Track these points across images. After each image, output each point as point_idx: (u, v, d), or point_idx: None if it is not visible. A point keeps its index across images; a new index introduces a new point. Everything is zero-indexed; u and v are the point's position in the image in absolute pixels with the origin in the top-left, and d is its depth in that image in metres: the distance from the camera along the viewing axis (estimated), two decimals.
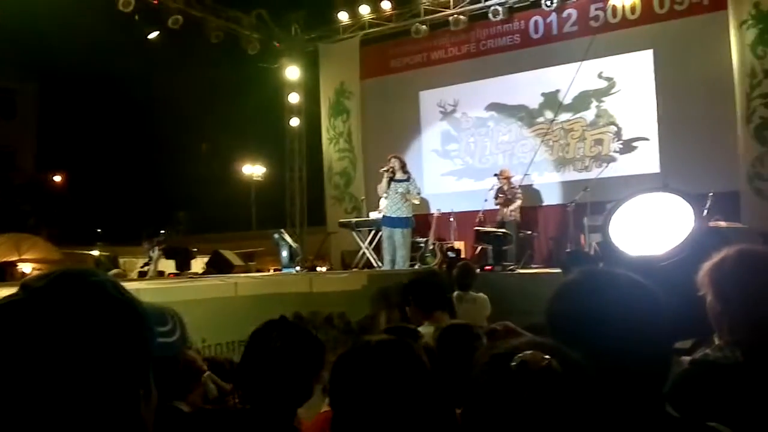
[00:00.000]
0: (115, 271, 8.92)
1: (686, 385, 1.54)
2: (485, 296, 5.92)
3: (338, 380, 1.38)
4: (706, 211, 7.84)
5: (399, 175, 9.43)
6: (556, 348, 1.07)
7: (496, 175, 10.55)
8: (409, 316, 3.61)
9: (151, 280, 7.68)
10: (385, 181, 9.45)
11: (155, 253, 9.48)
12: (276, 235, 10.63)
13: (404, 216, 9.37)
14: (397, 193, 9.36)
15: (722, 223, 7.23)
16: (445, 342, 2.50)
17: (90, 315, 0.84)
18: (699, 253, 1.98)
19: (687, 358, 1.95)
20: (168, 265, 10.43)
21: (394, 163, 9.47)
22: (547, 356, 1.02)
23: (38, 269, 16.50)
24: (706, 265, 1.73)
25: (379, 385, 1.33)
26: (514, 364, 1.02)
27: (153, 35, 12.11)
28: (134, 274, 11.22)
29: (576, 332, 1.26)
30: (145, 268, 10.33)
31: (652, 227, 2.19)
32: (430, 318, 3.48)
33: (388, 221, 9.47)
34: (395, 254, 9.38)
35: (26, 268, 16.65)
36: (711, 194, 8.32)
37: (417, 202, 9.72)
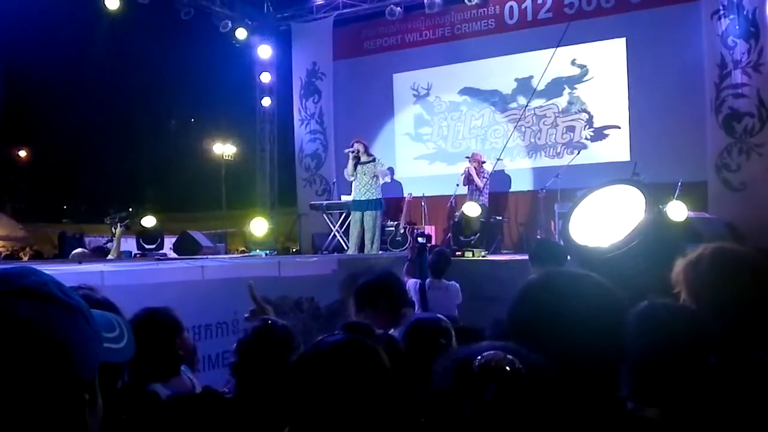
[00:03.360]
0: (79, 250, 8.69)
1: None
2: (456, 284, 5.92)
3: (297, 387, 1.30)
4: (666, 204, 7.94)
5: (364, 158, 9.41)
6: (515, 350, 1.05)
7: (467, 157, 10.56)
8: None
9: (116, 262, 7.54)
10: (351, 163, 9.42)
11: (118, 230, 9.26)
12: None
13: (373, 198, 9.34)
14: (364, 175, 9.32)
15: (689, 213, 7.32)
16: (412, 337, 2.45)
17: (27, 315, 0.78)
18: (648, 242, 1.98)
19: None
20: (132, 245, 10.26)
21: (359, 147, 9.45)
22: (509, 356, 1.00)
23: (1, 246, 16.20)
24: (681, 263, 1.72)
25: (338, 391, 1.26)
26: (476, 365, 0.99)
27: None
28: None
29: (539, 335, 1.24)
30: (108, 245, 10.12)
31: (609, 219, 2.20)
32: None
33: (357, 204, 9.42)
34: (362, 238, 9.35)
35: None
36: (680, 183, 8.44)
37: (388, 179, 9.69)
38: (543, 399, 0.99)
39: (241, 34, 13.31)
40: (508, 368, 0.98)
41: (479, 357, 1.00)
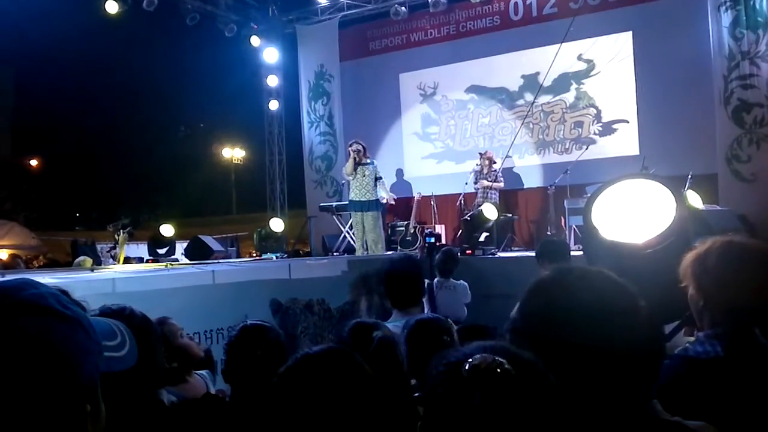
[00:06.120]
0: (81, 258, 8.71)
1: (666, 381, 1.51)
2: (465, 283, 5.92)
3: (279, 400, 1.31)
4: (684, 194, 7.90)
5: (364, 159, 9.41)
6: (506, 349, 1.04)
7: (480, 154, 10.55)
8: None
9: (126, 268, 7.57)
10: (351, 162, 9.37)
11: (121, 237, 9.29)
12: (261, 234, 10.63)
13: (374, 199, 9.32)
14: (364, 176, 9.30)
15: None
16: (414, 339, 2.45)
17: (27, 330, 0.78)
18: (680, 238, 1.97)
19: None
20: (143, 251, 10.30)
21: (358, 148, 9.41)
22: (498, 358, 0.99)
23: (15, 255, 16.28)
24: (689, 257, 1.70)
25: (317, 403, 1.27)
26: (465, 369, 0.99)
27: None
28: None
29: (550, 332, 1.23)
30: (112, 252, 10.16)
31: (634, 214, 2.17)
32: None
33: (355, 205, 9.39)
34: (365, 238, 9.34)
35: (2, 254, 16.44)
36: (690, 176, 8.39)
37: (386, 194, 9.66)
38: (534, 398, 0.98)
39: (255, 41, 13.48)
40: (498, 370, 0.98)
41: (469, 360, 0.99)
